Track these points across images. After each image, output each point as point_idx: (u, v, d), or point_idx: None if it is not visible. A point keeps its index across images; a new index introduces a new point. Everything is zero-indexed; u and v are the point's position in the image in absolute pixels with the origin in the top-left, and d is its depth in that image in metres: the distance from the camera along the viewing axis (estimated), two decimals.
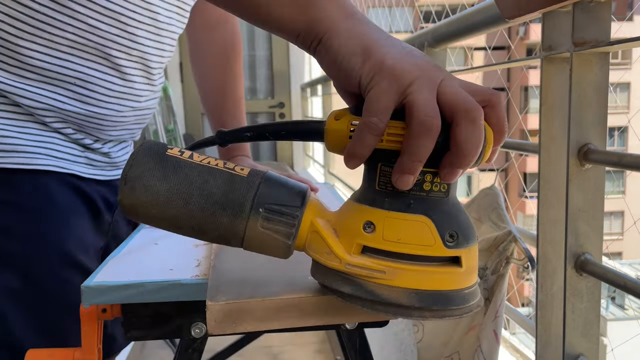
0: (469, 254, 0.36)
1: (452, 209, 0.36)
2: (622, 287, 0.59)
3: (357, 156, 0.35)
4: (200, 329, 0.47)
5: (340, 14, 0.38)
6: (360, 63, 0.36)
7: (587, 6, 0.59)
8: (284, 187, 0.37)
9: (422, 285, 0.35)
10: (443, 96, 0.34)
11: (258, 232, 0.36)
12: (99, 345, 0.49)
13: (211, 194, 0.36)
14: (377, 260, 0.35)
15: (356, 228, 0.36)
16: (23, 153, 0.61)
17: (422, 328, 0.81)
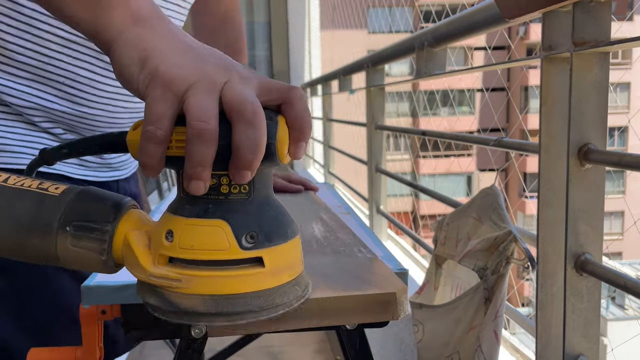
0: (274, 253, 0.35)
1: (255, 210, 0.35)
2: (622, 287, 0.59)
3: (147, 166, 0.34)
4: (200, 329, 0.47)
5: (127, 20, 0.37)
6: (136, 72, 0.35)
7: (587, 6, 0.59)
8: (97, 203, 0.36)
9: (218, 290, 0.34)
10: (223, 98, 0.34)
11: (69, 249, 0.35)
12: (100, 343, 0.49)
13: (18, 217, 0.35)
14: (175, 269, 0.35)
15: (159, 238, 0.35)
16: (9, 152, 0.60)
17: (422, 328, 0.81)
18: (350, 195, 2.47)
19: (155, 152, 0.34)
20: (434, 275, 0.88)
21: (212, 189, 0.35)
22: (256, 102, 0.34)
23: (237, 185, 0.35)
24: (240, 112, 0.33)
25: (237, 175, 0.34)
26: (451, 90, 9.21)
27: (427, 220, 6.21)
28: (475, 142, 1.06)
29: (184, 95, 0.34)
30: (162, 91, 0.34)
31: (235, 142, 0.33)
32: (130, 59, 0.36)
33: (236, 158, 0.33)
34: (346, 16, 4.40)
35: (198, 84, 0.34)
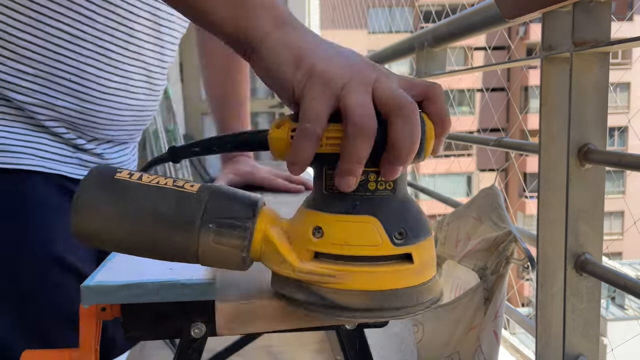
0: (421, 249, 0.36)
1: (400, 206, 0.36)
2: (622, 287, 0.59)
3: (298, 163, 0.35)
4: (200, 329, 0.47)
5: (272, 23, 0.38)
6: (291, 72, 0.36)
7: (587, 6, 0.59)
8: (234, 200, 0.37)
9: (373, 286, 0.35)
10: (377, 96, 0.34)
11: (211, 247, 0.36)
12: (96, 345, 0.49)
13: (161, 214, 0.36)
14: (327, 265, 0.35)
15: (306, 234, 0.36)
16: (8, 153, 0.60)
17: (422, 328, 0.81)
18: None
19: (310, 149, 0.34)
20: None
21: (360, 186, 0.35)
22: (411, 98, 0.34)
23: (384, 182, 0.35)
24: (398, 108, 0.33)
25: (390, 171, 0.34)
26: (451, 90, 9.20)
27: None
28: (475, 142, 1.06)
29: (340, 93, 0.34)
30: (321, 90, 0.34)
31: (393, 138, 0.33)
32: (283, 58, 0.36)
33: (392, 154, 0.34)
34: (346, 16, 4.40)
35: (352, 82, 0.34)
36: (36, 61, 0.60)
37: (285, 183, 0.82)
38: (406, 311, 0.35)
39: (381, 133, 0.34)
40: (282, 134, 0.36)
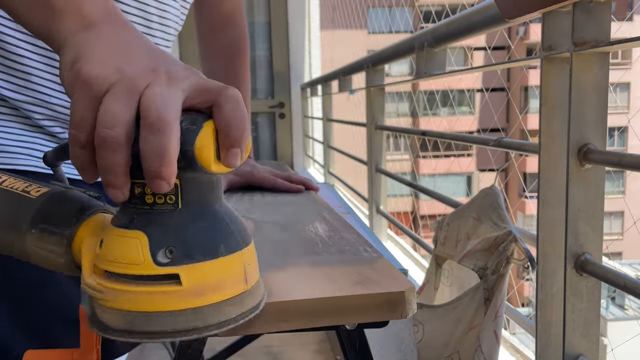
0: (195, 270, 0.32)
1: (182, 221, 0.33)
2: (622, 287, 0.59)
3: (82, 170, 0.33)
4: None
5: (76, 26, 0.36)
6: (65, 75, 0.34)
7: (587, 6, 0.59)
8: (64, 206, 0.37)
9: (133, 307, 0.32)
10: (140, 103, 0.31)
11: (34, 250, 0.37)
12: (98, 346, 0.49)
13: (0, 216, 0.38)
14: (100, 281, 0.33)
15: (94, 246, 0.34)
16: (4, 153, 0.60)
17: (422, 328, 0.81)
18: (350, 196, 2.47)
19: (82, 157, 0.32)
20: (433, 275, 0.88)
21: (138, 199, 0.33)
22: (166, 105, 0.31)
23: (162, 195, 0.32)
24: (144, 117, 0.31)
25: (152, 184, 0.31)
26: (451, 91, 9.19)
27: (427, 220, 6.19)
28: (475, 142, 1.06)
29: (103, 97, 0.32)
30: (82, 93, 0.32)
31: (141, 150, 0.31)
32: (65, 63, 0.35)
33: (144, 166, 0.31)
34: (346, 16, 4.40)
35: (116, 86, 0.32)
36: (27, 58, 0.60)
37: (285, 183, 0.81)
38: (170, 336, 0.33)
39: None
40: None
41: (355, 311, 0.41)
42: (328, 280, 0.44)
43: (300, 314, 0.40)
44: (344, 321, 0.42)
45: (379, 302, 0.41)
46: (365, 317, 0.42)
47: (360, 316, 0.41)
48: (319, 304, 0.40)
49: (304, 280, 0.44)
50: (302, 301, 0.40)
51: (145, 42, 0.37)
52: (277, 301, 0.40)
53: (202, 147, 0.32)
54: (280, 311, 0.40)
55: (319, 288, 0.42)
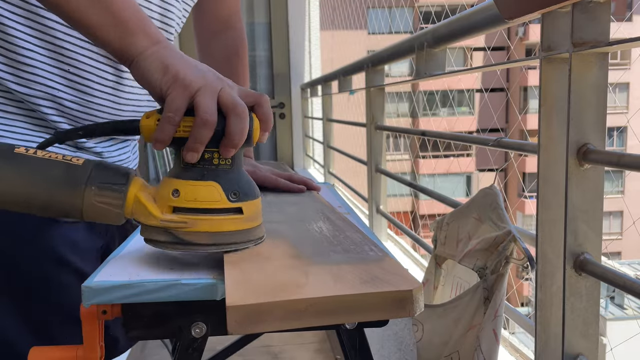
0: (249, 205, 0.50)
1: (235, 176, 0.50)
2: (621, 287, 0.59)
3: (160, 140, 0.48)
4: (200, 329, 0.47)
5: (147, 42, 0.52)
6: (160, 77, 0.49)
7: (586, 7, 0.59)
8: (112, 170, 0.49)
9: (214, 229, 0.49)
10: (221, 99, 0.48)
11: (93, 204, 0.48)
12: (101, 342, 0.49)
13: (53, 177, 0.47)
14: (182, 216, 0.49)
15: (167, 195, 0.49)
16: None
17: (421, 327, 0.81)
18: (350, 195, 2.47)
19: (170, 131, 0.48)
20: (433, 275, 0.88)
21: (207, 161, 0.49)
22: (243, 103, 0.49)
23: (224, 158, 0.50)
24: (234, 109, 0.48)
25: (226, 151, 0.49)
26: (451, 91, 9.18)
27: (427, 220, 6.19)
28: (474, 142, 1.06)
29: (195, 94, 0.48)
30: (181, 90, 0.48)
31: (229, 129, 0.48)
32: (154, 68, 0.50)
33: (228, 139, 0.48)
34: (346, 17, 4.40)
35: (204, 88, 0.48)
36: (34, 52, 0.61)
37: (286, 182, 0.82)
38: (237, 244, 0.50)
39: (222, 125, 0.48)
40: (150, 122, 0.49)
41: (364, 309, 0.41)
42: (337, 279, 0.44)
43: (311, 312, 0.40)
44: (353, 319, 0.42)
45: (388, 301, 0.41)
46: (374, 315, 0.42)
47: (369, 314, 0.42)
48: (330, 302, 0.41)
49: (313, 279, 0.44)
50: (313, 299, 0.40)
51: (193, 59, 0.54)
52: (288, 299, 0.40)
53: (255, 129, 0.51)
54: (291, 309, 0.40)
55: (328, 286, 0.42)
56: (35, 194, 0.47)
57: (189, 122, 0.48)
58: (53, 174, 0.47)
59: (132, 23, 0.52)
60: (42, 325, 0.62)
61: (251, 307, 0.40)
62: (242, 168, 0.52)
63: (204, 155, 0.49)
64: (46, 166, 0.47)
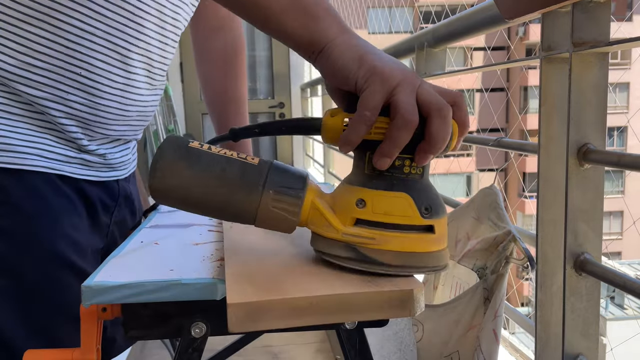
0: (440, 223, 0.44)
1: (426, 188, 0.44)
2: (622, 287, 0.59)
3: (350, 142, 0.43)
4: (200, 328, 0.47)
5: (336, 30, 0.46)
6: (356, 68, 0.43)
7: (587, 6, 0.59)
8: (289, 173, 0.44)
9: (405, 248, 0.43)
10: (420, 97, 0.42)
11: (268, 209, 0.43)
12: (98, 345, 0.49)
13: (229, 178, 0.43)
14: (368, 230, 0.43)
15: (350, 205, 0.43)
16: (13, 153, 0.61)
17: (421, 327, 0.81)
18: None
19: (364, 132, 0.42)
20: (433, 275, 0.88)
21: (397, 169, 0.43)
22: (444, 102, 0.42)
23: (415, 167, 0.43)
24: (438, 109, 0.41)
25: (424, 158, 0.42)
26: None
27: None
28: (474, 142, 1.06)
29: (393, 90, 0.42)
30: (380, 85, 0.42)
31: (432, 132, 0.41)
32: (348, 57, 0.44)
33: (428, 144, 0.41)
34: (346, 16, 4.40)
35: (403, 83, 0.42)
36: (47, 55, 0.60)
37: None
38: (426, 269, 0.44)
39: (420, 127, 0.41)
40: (336, 121, 0.44)
41: (365, 308, 0.41)
42: (338, 277, 0.44)
43: (312, 310, 0.40)
44: (354, 318, 0.42)
45: (389, 300, 0.42)
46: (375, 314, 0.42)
47: (370, 313, 0.42)
48: (331, 301, 0.41)
49: (315, 278, 0.44)
50: (314, 297, 0.40)
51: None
52: (289, 297, 0.40)
53: (455, 133, 0.43)
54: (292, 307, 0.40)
55: (330, 285, 0.42)
56: (211, 194, 0.43)
57: (382, 124, 0.42)
58: (230, 173, 0.43)
59: (321, 8, 0.46)
60: (43, 326, 0.62)
61: (252, 304, 0.39)
62: (429, 180, 0.46)
63: (395, 161, 0.43)
64: (222, 164, 0.43)
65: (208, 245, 0.57)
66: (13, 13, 0.58)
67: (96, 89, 0.64)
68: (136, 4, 0.65)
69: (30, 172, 0.62)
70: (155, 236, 0.62)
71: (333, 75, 0.46)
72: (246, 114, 0.94)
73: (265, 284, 0.43)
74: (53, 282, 0.62)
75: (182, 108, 3.81)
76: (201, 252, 0.55)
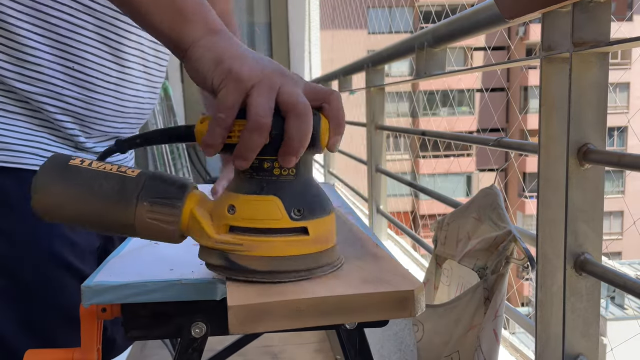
0: (317, 224, 0.43)
1: (301, 188, 0.43)
2: (622, 287, 0.59)
3: (211, 146, 0.42)
4: (200, 328, 0.47)
5: (204, 31, 0.45)
6: (213, 70, 0.43)
7: (587, 6, 0.59)
8: (167, 183, 0.44)
9: (274, 252, 0.42)
10: (279, 97, 0.41)
11: (145, 221, 0.43)
12: (99, 345, 0.49)
13: (105, 193, 0.43)
14: (238, 236, 0.42)
15: (222, 211, 0.43)
16: (9, 151, 0.61)
17: (421, 327, 0.81)
18: (350, 195, 2.47)
19: (221, 135, 0.42)
20: (433, 275, 0.88)
21: (266, 171, 0.42)
22: (306, 101, 0.41)
23: (287, 168, 0.42)
24: (294, 108, 0.40)
25: (285, 159, 0.41)
26: (451, 91, 9.18)
27: (427, 220, 6.19)
28: (474, 142, 1.06)
29: (249, 91, 0.41)
30: (233, 86, 0.41)
31: (287, 132, 0.40)
32: (207, 59, 0.43)
33: (287, 145, 0.41)
34: (346, 16, 4.40)
35: (260, 84, 0.41)
36: (38, 50, 0.61)
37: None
38: (303, 273, 0.43)
39: (279, 129, 0.41)
40: (203, 127, 0.43)
41: (366, 309, 0.41)
42: (338, 279, 0.44)
43: (313, 312, 0.40)
44: (354, 319, 0.42)
45: (390, 301, 0.42)
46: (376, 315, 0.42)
47: (370, 314, 0.42)
48: (331, 302, 0.41)
49: (315, 279, 0.44)
50: (315, 299, 0.40)
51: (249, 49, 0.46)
52: (291, 299, 0.40)
53: (324, 132, 0.43)
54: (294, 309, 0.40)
55: (330, 287, 0.42)
56: (87, 210, 0.43)
57: (241, 126, 0.41)
58: (106, 188, 0.43)
59: (190, 9, 0.46)
60: (41, 327, 0.62)
61: (252, 306, 0.40)
62: (310, 179, 0.45)
63: (263, 164, 0.42)
64: (99, 179, 0.43)
65: None
66: (2, 9, 0.58)
67: (91, 83, 0.64)
68: None
69: (27, 171, 0.62)
70: None
71: (194, 76, 0.45)
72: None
73: (265, 286, 0.43)
74: (49, 283, 0.62)
75: (182, 108, 3.82)
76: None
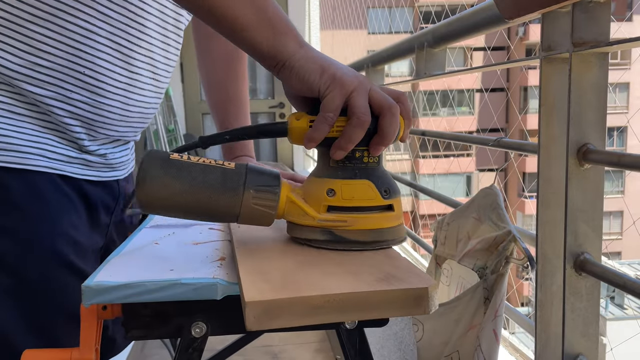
0: (397, 202, 0.52)
1: (382, 173, 0.52)
2: (622, 287, 0.59)
3: (314, 139, 0.50)
4: (200, 328, 0.47)
5: (296, 44, 0.52)
6: (318, 78, 0.50)
7: (587, 6, 0.59)
8: (264, 173, 0.50)
9: (373, 226, 0.50)
10: (372, 99, 0.49)
11: (250, 207, 0.49)
12: (97, 345, 0.49)
13: (212, 184, 0.48)
14: (339, 215, 0.50)
15: (321, 194, 0.50)
16: (15, 152, 0.61)
17: (421, 327, 0.81)
18: None
19: (325, 130, 0.49)
20: (433, 275, 0.88)
21: (357, 160, 0.51)
22: (394, 102, 0.50)
23: (373, 156, 0.51)
24: (389, 108, 0.49)
25: (377, 150, 0.50)
26: (451, 91, 9.19)
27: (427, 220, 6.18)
28: (474, 142, 1.06)
29: (350, 94, 0.49)
30: (339, 90, 0.49)
31: (384, 127, 0.49)
32: (311, 69, 0.51)
33: (382, 138, 0.49)
34: (346, 16, 4.39)
35: (358, 88, 0.49)
36: (51, 54, 0.61)
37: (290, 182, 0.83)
38: (391, 242, 0.51)
39: (373, 124, 0.49)
40: (302, 124, 0.51)
41: (381, 306, 0.41)
42: (353, 276, 0.44)
43: (329, 308, 0.40)
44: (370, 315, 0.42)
45: (404, 298, 0.42)
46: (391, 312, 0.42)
47: (385, 311, 0.42)
48: (348, 299, 0.41)
49: (330, 277, 0.44)
50: (331, 295, 0.40)
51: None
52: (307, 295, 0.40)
53: (401, 128, 0.52)
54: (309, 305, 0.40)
55: (346, 284, 0.42)
56: (194, 200, 0.47)
57: (341, 123, 0.49)
58: (210, 179, 0.48)
59: (283, 25, 0.52)
60: (44, 325, 0.62)
61: (270, 302, 0.40)
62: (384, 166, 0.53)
63: (355, 153, 0.50)
64: (203, 172, 0.48)
65: (208, 245, 0.57)
66: (19, 13, 0.59)
67: (100, 88, 0.65)
68: (138, 4, 0.65)
69: (32, 172, 0.62)
70: (156, 236, 0.62)
71: (297, 84, 0.52)
72: (247, 115, 0.95)
73: (281, 282, 0.43)
74: (51, 281, 0.63)
75: (182, 108, 3.82)
76: (202, 252, 0.55)
